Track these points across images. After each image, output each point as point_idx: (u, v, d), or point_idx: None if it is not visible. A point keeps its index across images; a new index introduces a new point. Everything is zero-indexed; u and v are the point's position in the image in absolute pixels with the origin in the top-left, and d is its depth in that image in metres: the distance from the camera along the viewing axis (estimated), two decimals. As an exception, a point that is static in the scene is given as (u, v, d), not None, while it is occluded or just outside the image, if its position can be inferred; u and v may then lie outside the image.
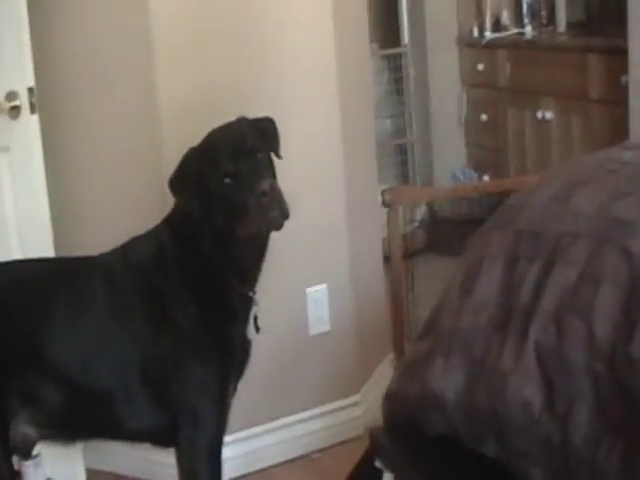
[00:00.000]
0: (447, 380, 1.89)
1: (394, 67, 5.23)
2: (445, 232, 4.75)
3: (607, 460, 1.59)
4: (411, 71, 5.23)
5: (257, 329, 2.28)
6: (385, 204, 2.88)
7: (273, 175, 2.15)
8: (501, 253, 1.92)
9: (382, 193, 2.90)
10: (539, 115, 4.78)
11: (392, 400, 2.12)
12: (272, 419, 3.04)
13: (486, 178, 5.09)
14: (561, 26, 5.12)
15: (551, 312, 1.74)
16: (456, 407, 1.86)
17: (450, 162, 5.35)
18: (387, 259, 3.05)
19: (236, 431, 2.81)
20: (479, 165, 5.30)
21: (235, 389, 2.27)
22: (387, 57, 5.20)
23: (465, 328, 1.90)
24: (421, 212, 5.02)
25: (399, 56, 5.22)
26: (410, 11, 5.23)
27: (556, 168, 2.15)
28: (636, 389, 1.56)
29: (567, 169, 2.14)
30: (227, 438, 2.30)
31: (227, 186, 2.07)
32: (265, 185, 2.04)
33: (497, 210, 2.09)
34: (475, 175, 5.18)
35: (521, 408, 1.74)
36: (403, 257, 3.02)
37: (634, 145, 2.22)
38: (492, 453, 1.81)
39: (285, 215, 2.08)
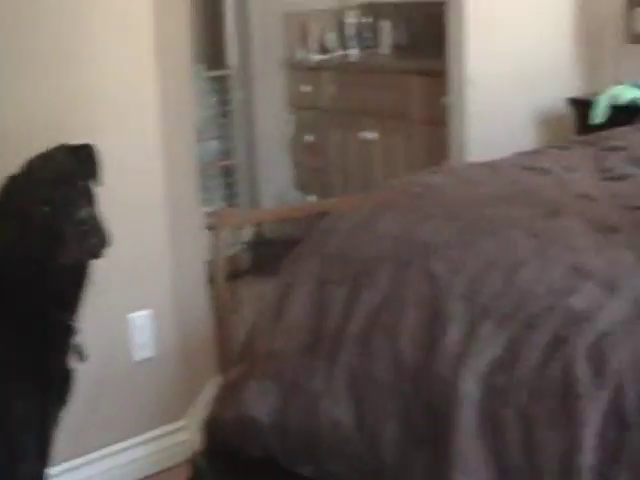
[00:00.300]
0: (261, 403, 1.90)
1: (221, 89, 5.23)
2: (271, 253, 4.74)
3: (415, 475, 1.63)
4: (237, 93, 5.24)
5: (82, 358, 2.23)
6: (209, 227, 2.87)
7: (92, 202, 2.12)
8: (311, 277, 1.96)
9: (206, 216, 2.90)
10: (363, 136, 4.87)
11: (211, 425, 2.12)
12: (98, 448, 2.98)
13: (312, 198, 5.14)
14: (385, 49, 5.25)
15: (359, 334, 1.78)
16: (271, 429, 1.87)
17: (276, 183, 5.38)
18: (212, 281, 3.05)
19: (61, 462, 2.74)
20: (305, 186, 5.35)
21: (57, 420, 2.22)
22: (214, 79, 5.18)
23: (277, 351, 1.92)
24: (247, 233, 5.03)
25: (226, 78, 5.22)
26: (236, 33, 5.25)
27: (365, 193, 2.19)
28: (440, 405, 1.60)
29: (375, 194, 2.19)
30: (52, 470, 2.25)
31: (45, 214, 2.03)
32: (83, 213, 2.01)
33: (308, 234, 2.12)
34: (301, 196, 5.23)
35: (332, 428, 1.77)
36: (228, 279, 3.02)
37: (439, 170, 2.29)
38: (308, 473, 1.83)
39: (104, 243, 2.05)
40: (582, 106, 4.08)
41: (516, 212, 1.87)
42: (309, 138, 5.29)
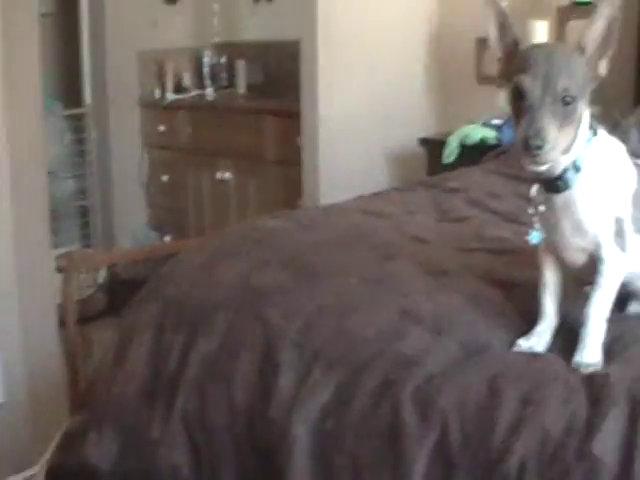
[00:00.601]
0: (101, 450, 1.89)
1: (77, 127, 5.17)
2: (126, 294, 4.70)
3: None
4: (93, 132, 5.19)
5: None
6: (60, 270, 2.83)
7: None
8: (150, 323, 1.96)
9: (56, 259, 2.85)
10: (218, 176, 4.88)
11: (53, 473, 2.09)
12: (-60, 500, 2.90)
13: (168, 239, 5.11)
14: (241, 88, 5.28)
15: (195, 381, 1.79)
16: (111, 477, 1.86)
17: (132, 223, 5.33)
18: (64, 325, 2.99)
19: None
20: (161, 226, 5.31)
21: None
22: (70, 117, 5.12)
23: (117, 398, 1.91)
24: (102, 275, 4.96)
25: (82, 116, 5.16)
26: (92, 71, 5.20)
27: (206, 237, 2.20)
28: (274, 450, 1.61)
29: (216, 239, 2.20)
30: None
31: None
32: None
33: (149, 279, 2.12)
34: (156, 236, 5.19)
35: (172, 474, 1.77)
36: (81, 322, 2.97)
37: (280, 214, 2.31)
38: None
39: None
40: (434, 146, 4.17)
41: (351, 257, 1.91)
42: (165, 178, 5.26)
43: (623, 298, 1.66)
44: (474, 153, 3.67)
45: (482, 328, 1.60)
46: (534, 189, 1.57)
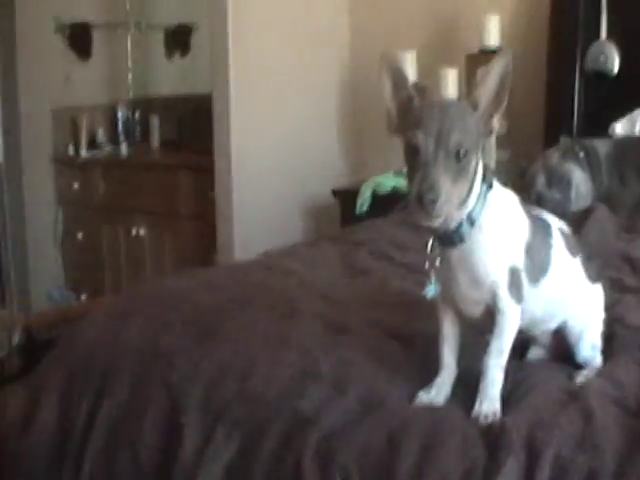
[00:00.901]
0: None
1: (-9, 186, 5.13)
2: (42, 356, 4.63)
3: None
4: (6, 189, 5.13)
5: None
6: (-30, 332, 2.79)
7: None
8: (57, 387, 1.95)
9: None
10: (133, 232, 4.86)
11: None
12: None
13: (84, 298, 5.07)
14: (155, 143, 5.29)
15: (101, 446, 1.78)
16: None
17: (48, 282, 5.27)
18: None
19: None
20: (77, 285, 5.26)
21: None
22: (-17, 176, 5.08)
23: (24, 464, 1.90)
24: (16, 336, 4.88)
25: (-5, 174, 5.12)
26: (5, 128, 5.16)
27: (111, 299, 2.20)
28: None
29: (121, 300, 2.20)
30: None
31: None
32: None
33: (56, 342, 2.11)
34: (72, 295, 5.14)
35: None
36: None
37: (185, 274, 2.32)
38: None
39: None
40: (347, 196, 4.21)
41: (254, 315, 1.92)
42: (80, 236, 5.22)
43: (523, 344, 1.70)
44: (387, 202, 3.71)
45: (382, 382, 1.63)
46: (430, 243, 1.60)
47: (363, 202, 4.03)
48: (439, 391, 1.60)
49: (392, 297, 2.06)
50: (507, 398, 1.56)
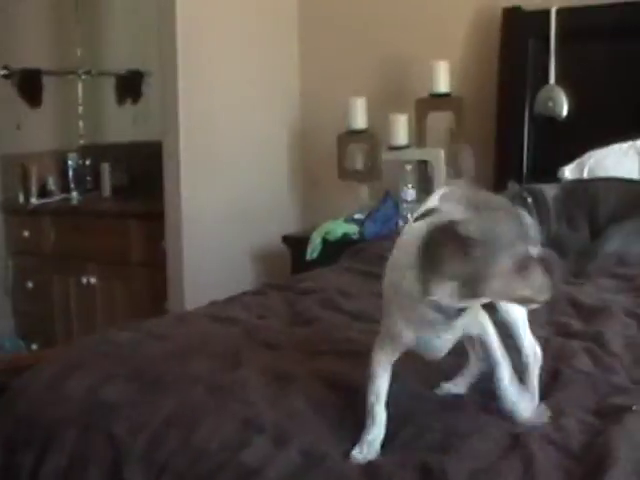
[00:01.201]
0: None
1: None
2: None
3: None
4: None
5: None
6: None
7: None
8: (2, 437, 1.92)
9: None
10: (84, 280, 4.83)
11: None
12: None
13: (35, 347, 5.02)
14: (106, 191, 5.27)
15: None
16: None
17: (-2, 333, 5.22)
18: None
19: None
20: (27, 334, 5.21)
21: None
22: None
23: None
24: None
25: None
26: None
27: (58, 350, 2.19)
28: None
29: (66, 352, 2.18)
30: None
31: None
32: None
33: (4, 391, 2.09)
34: (23, 344, 5.09)
35: None
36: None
37: (130, 326, 2.31)
38: None
39: None
40: (298, 243, 4.22)
41: (199, 366, 1.91)
42: (30, 284, 5.18)
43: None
44: (337, 249, 3.73)
45: (324, 435, 1.62)
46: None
47: (314, 248, 4.04)
48: (369, 449, 1.59)
49: (338, 346, 2.06)
50: (446, 441, 1.56)
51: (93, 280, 4.81)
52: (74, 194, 5.31)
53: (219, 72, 4.35)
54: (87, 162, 5.45)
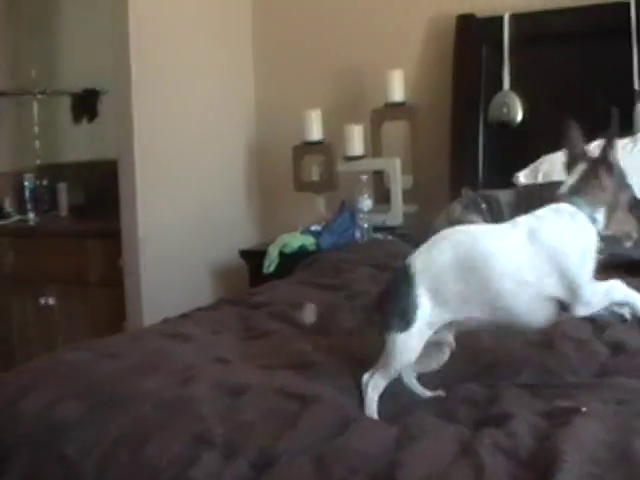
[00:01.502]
0: None
1: None
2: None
3: None
4: None
5: None
6: None
7: None
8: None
9: None
10: (42, 301, 4.80)
11: None
12: None
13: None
14: (63, 211, 5.25)
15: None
16: None
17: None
18: None
19: None
20: (-15, 356, 5.15)
21: None
22: None
23: None
24: None
25: None
26: None
27: (9, 372, 2.17)
28: None
29: (19, 373, 2.16)
30: None
31: None
32: None
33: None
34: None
35: None
36: None
37: (82, 345, 2.30)
38: None
39: None
40: (255, 257, 4.22)
41: (150, 383, 1.90)
42: (-14, 308, 5.13)
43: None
44: (294, 261, 3.73)
45: (276, 442, 1.61)
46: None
47: (270, 262, 4.04)
48: None
49: (290, 359, 2.06)
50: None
51: (52, 301, 4.78)
52: (31, 215, 5.29)
53: (174, 89, 4.34)
54: (44, 182, 5.43)
